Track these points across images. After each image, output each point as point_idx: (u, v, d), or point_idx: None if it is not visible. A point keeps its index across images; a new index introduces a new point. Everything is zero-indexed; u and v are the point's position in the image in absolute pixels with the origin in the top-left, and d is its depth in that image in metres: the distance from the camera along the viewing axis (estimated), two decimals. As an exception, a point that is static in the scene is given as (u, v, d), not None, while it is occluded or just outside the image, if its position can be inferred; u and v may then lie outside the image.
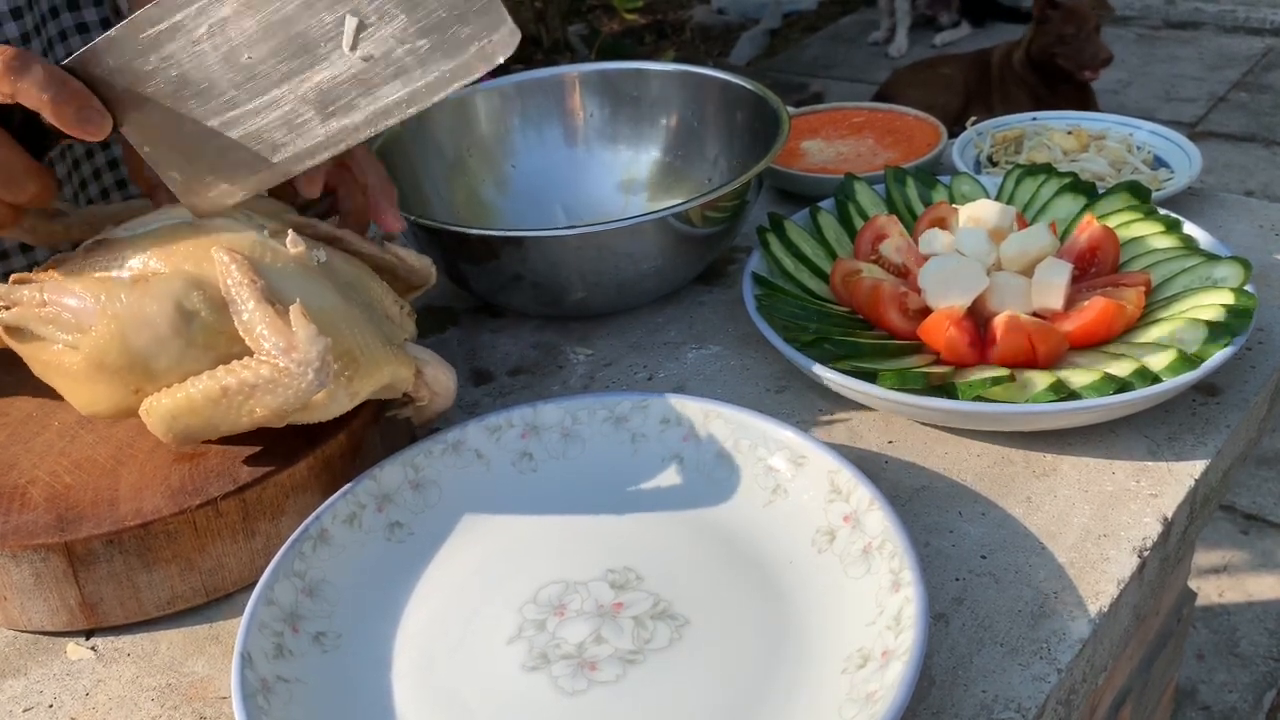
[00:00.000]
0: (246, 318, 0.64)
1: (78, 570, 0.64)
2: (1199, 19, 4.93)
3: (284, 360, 0.63)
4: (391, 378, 0.69)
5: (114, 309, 0.65)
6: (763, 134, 0.95)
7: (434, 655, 0.62)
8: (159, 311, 0.65)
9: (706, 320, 0.92)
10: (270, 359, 0.63)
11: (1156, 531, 0.68)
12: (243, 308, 0.64)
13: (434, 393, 0.73)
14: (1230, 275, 0.79)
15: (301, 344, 0.63)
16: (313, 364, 0.63)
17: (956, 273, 0.79)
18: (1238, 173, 3.63)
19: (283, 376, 0.63)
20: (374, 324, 0.70)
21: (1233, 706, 1.80)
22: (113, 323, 0.65)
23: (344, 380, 0.66)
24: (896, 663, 0.55)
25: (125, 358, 0.66)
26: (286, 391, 0.63)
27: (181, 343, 0.66)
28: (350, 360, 0.66)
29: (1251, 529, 2.14)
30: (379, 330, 0.70)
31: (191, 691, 0.63)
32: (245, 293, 0.65)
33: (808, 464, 0.68)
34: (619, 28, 5.33)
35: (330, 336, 0.65)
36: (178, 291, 0.66)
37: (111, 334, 0.65)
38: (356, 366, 0.67)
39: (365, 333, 0.68)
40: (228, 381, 0.64)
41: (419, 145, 1.01)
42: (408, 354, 0.71)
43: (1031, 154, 1.10)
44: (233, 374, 0.64)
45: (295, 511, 0.68)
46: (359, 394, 0.67)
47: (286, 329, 0.63)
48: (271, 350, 0.63)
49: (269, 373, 0.63)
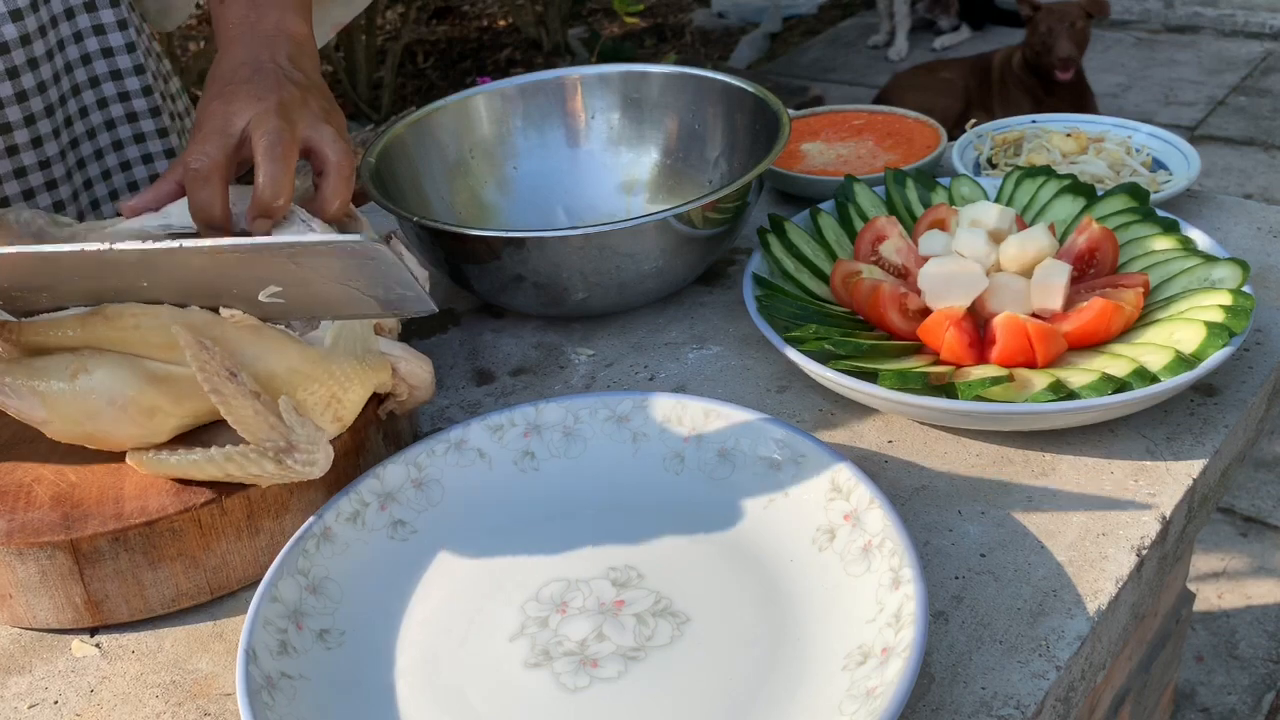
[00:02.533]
0: (238, 415, 0.64)
1: (83, 568, 0.65)
2: (1198, 23, 4.93)
3: (289, 460, 0.64)
4: (372, 388, 0.71)
5: (62, 410, 0.66)
6: (763, 136, 0.95)
7: (437, 652, 0.62)
8: (107, 404, 0.66)
9: (707, 321, 0.92)
10: (273, 458, 0.64)
11: (1155, 531, 0.68)
12: (229, 403, 0.64)
13: (412, 386, 0.74)
14: (1228, 276, 0.80)
15: (302, 445, 0.64)
16: (317, 462, 0.65)
17: (956, 274, 0.79)
18: (1236, 176, 3.63)
19: (289, 473, 0.64)
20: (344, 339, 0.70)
21: (1232, 708, 1.81)
22: (67, 421, 0.66)
23: (335, 420, 0.68)
24: (896, 659, 0.55)
25: (93, 437, 0.67)
26: (292, 478, 0.65)
27: (142, 418, 0.66)
28: (336, 400, 0.68)
29: (1250, 531, 2.14)
30: (348, 343, 0.70)
31: (196, 688, 0.63)
32: (226, 389, 0.64)
33: (808, 463, 0.69)
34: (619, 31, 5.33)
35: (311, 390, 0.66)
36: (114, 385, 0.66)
37: (70, 424, 0.66)
38: (340, 404, 0.68)
39: (340, 362, 0.69)
40: (231, 470, 0.65)
41: (421, 146, 1.02)
42: (382, 358, 0.72)
43: (1031, 156, 1.11)
44: (235, 464, 0.64)
45: (299, 509, 0.69)
46: (348, 421, 0.69)
47: (282, 426, 0.64)
48: (273, 450, 0.64)
49: (275, 470, 0.64)
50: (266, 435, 0.64)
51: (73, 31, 0.97)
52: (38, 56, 0.94)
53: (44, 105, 0.95)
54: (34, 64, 0.93)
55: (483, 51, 5.05)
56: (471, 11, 5.57)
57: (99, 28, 0.98)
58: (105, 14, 0.98)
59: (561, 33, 4.78)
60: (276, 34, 0.82)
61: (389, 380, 0.72)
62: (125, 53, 1.00)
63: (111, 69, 1.00)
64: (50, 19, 0.95)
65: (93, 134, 1.02)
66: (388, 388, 0.72)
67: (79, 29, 0.97)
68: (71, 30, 0.97)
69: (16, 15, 0.91)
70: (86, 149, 1.01)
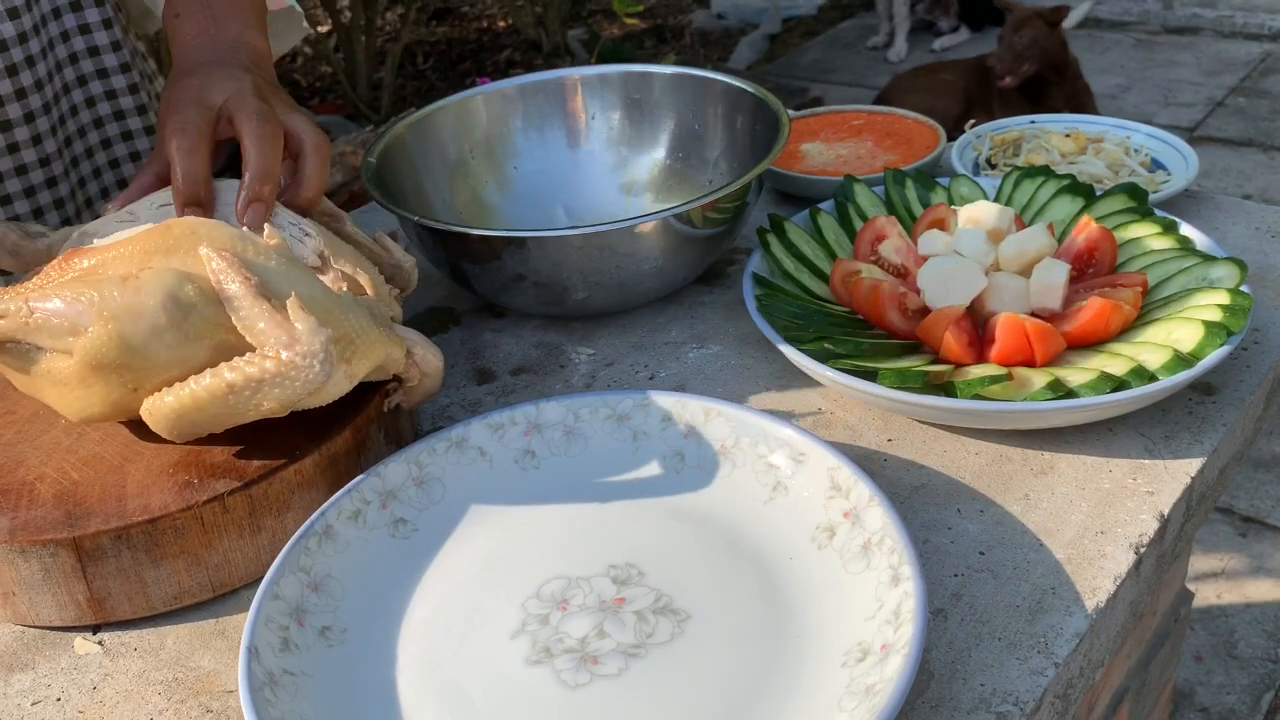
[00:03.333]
0: (244, 314, 0.65)
1: (86, 566, 0.65)
2: (1197, 24, 4.94)
3: (288, 354, 0.63)
4: (385, 358, 0.70)
5: (108, 307, 0.65)
6: (763, 136, 0.96)
7: (438, 649, 0.63)
8: (155, 304, 0.65)
9: (707, 320, 0.92)
10: (274, 354, 0.63)
11: (1153, 529, 0.68)
12: (239, 305, 0.65)
13: (424, 373, 0.74)
14: (1226, 276, 0.80)
15: (304, 337, 0.63)
16: (317, 355, 0.63)
17: (955, 273, 0.80)
18: (1235, 177, 3.63)
19: (288, 370, 0.63)
20: (363, 305, 0.71)
21: (1231, 708, 1.81)
22: (110, 322, 0.65)
23: (343, 363, 0.67)
24: (896, 656, 0.56)
25: (123, 354, 0.65)
26: (294, 384, 0.64)
27: (179, 335, 0.65)
28: (348, 343, 0.67)
29: (1249, 531, 2.14)
30: (369, 311, 0.71)
31: (198, 685, 0.63)
32: (239, 289, 0.65)
33: (808, 461, 0.69)
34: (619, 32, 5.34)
35: (327, 322, 0.65)
36: (170, 284, 0.65)
37: (109, 333, 0.65)
38: (354, 348, 0.68)
39: (358, 315, 0.69)
40: (233, 378, 0.64)
41: (422, 147, 1.02)
42: (398, 334, 0.72)
43: (1030, 156, 1.11)
44: (237, 371, 0.64)
45: (301, 507, 0.69)
46: (357, 375, 0.68)
47: (287, 323, 0.64)
48: (275, 345, 0.64)
49: (274, 367, 0.63)
50: (271, 333, 0.64)
51: (60, 31, 0.97)
52: (34, 54, 0.94)
53: (41, 103, 0.95)
54: (30, 61, 0.94)
55: (482, 52, 5.06)
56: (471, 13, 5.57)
57: (84, 27, 0.99)
58: (90, 13, 0.98)
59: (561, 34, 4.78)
60: (237, 44, 0.82)
61: (401, 358, 0.72)
62: (111, 51, 1.00)
63: (98, 67, 1.00)
64: (41, 18, 0.95)
65: (83, 133, 1.02)
66: (399, 367, 0.72)
67: (66, 28, 0.98)
68: (59, 30, 0.97)
69: (13, 13, 0.91)
70: (79, 147, 1.02)
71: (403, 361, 0.72)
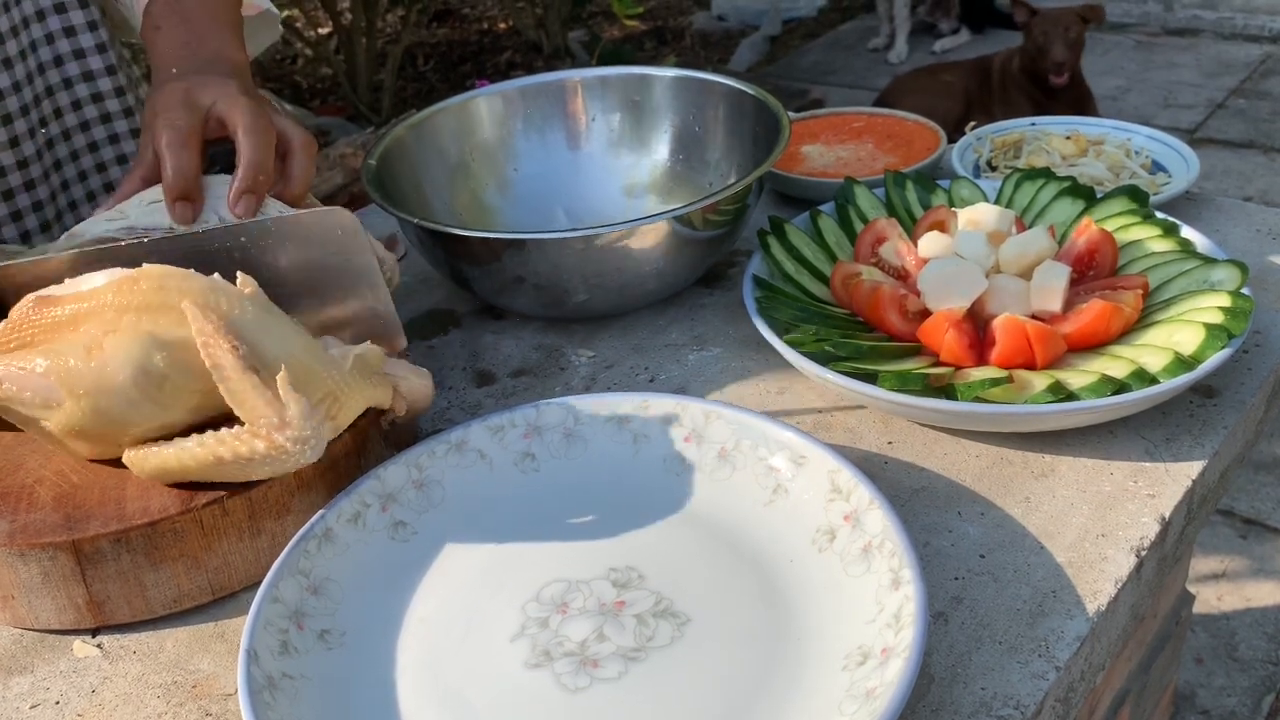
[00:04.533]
0: (233, 386, 0.63)
1: (85, 569, 0.65)
2: (1197, 26, 4.94)
3: (280, 437, 0.63)
4: (371, 403, 0.71)
5: (78, 382, 0.64)
6: (764, 138, 0.96)
7: (437, 652, 0.62)
8: (126, 379, 0.64)
9: (708, 322, 0.92)
10: (265, 435, 0.63)
11: (1154, 531, 0.68)
12: (227, 376, 0.63)
13: (412, 401, 0.74)
14: (1227, 278, 0.80)
15: (295, 421, 0.63)
16: (309, 441, 0.63)
17: (956, 275, 0.80)
18: (1236, 179, 3.63)
19: (279, 453, 0.63)
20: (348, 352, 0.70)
21: (1231, 710, 1.81)
22: (83, 398, 0.64)
23: (329, 419, 0.67)
24: (896, 660, 0.55)
25: (101, 425, 0.65)
26: (284, 464, 0.64)
27: (155, 406, 0.65)
28: (333, 400, 0.67)
29: (1250, 534, 2.14)
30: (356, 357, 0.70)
31: (197, 689, 0.63)
32: (227, 360, 0.63)
33: (808, 464, 0.69)
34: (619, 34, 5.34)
35: (310, 383, 0.65)
36: (138, 357, 0.64)
37: (83, 408, 0.64)
38: (339, 404, 0.68)
39: (340, 369, 0.68)
40: (223, 453, 0.64)
41: (422, 148, 1.02)
42: (385, 378, 0.72)
43: (1030, 158, 1.11)
44: (226, 446, 0.64)
45: (300, 510, 0.69)
46: (342, 426, 0.69)
47: (277, 403, 0.63)
48: (266, 426, 0.63)
49: (265, 449, 0.63)
50: (261, 412, 0.63)
51: (44, 33, 0.96)
52: (11, 56, 0.93)
53: (19, 105, 0.95)
54: (8, 64, 0.93)
55: (483, 54, 5.06)
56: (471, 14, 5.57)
57: (70, 29, 0.98)
58: (75, 15, 0.97)
59: (561, 35, 4.78)
60: (217, 57, 0.82)
61: (388, 399, 0.72)
62: (97, 54, 1.00)
63: (84, 70, 1.00)
64: (22, 19, 0.94)
65: (68, 135, 1.01)
66: (388, 404, 0.72)
67: (50, 31, 0.97)
68: (43, 32, 0.96)
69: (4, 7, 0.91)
70: (62, 150, 1.01)
71: (389, 400, 0.72)
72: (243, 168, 0.73)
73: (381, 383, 0.71)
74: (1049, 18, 3.43)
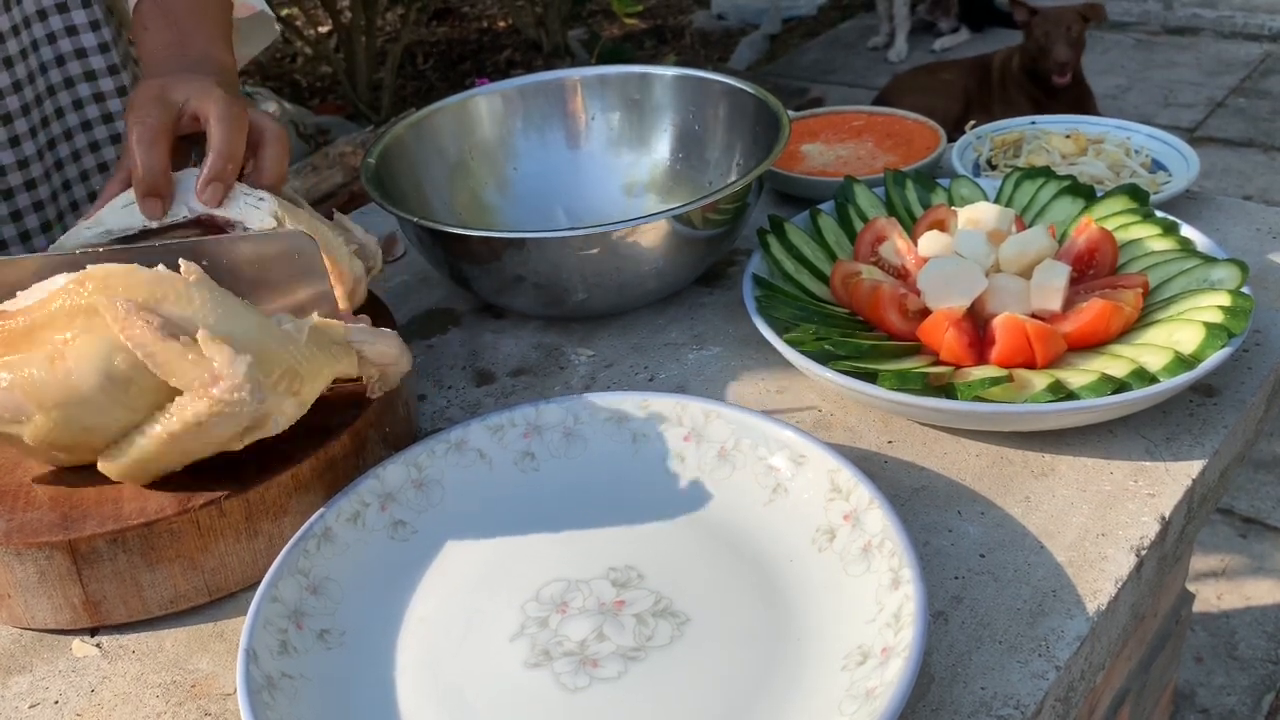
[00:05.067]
0: (159, 360, 0.62)
1: (81, 569, 0.65)
2: (1197, 25, 4.93)
3: (216, 391, 0.62)
4: (336, 374, 0.70)
5: (45, 394, 0.63)
6: (763, 137, 0.95)
7: (437, 652, 0.62)
8: (93, 386, 0.63)
9: (707, 321, 0.92)
10: (202, 393, 0.62)
11: (1154, 531, 0.68)
12: (152, 351, 0.62)
13: (383, 365, 0.73)
14: (1227, 277, 0.80)
15: (225, 371, 0.62)
16: (242, 387, 0.62)
17: (955, 274, 0.79)
18: (1236, 178, 3.63)
19: (221, 407, 0.62)
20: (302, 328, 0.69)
21: (1231, 709, 1.81)
22: (53, 410, 0.63)
23: (291, 394, 0.66)
24: (896, 660, 0.55)
25: (73, 434, 0.65)
26: (232, 418, 0.63)
27: (125, 409, 0.65)
28: (293, 375, 0.66)
29: (1250, 532, 2.14)
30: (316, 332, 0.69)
31: (196, 688, 0.63)
32: (145, 336, 0.62)
33: (808, 463, 0.69)
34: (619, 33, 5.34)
35: (264, 359, 0.64)
36: (100, 363, 0.63)
37: (54, 419, 0.64)
38: (300, 379, 0.67)
39: (296, 344, 0.67)
40: (173, 427, 0.63)
41: (421, 148, 1.02)
42: (347, 347, 0.71)
43: (1030, 157, 1.11)
44: (172, 418, 0.63)
45: (298, 511, 0.69)
46: (309, 400, 0.68)
47: (203, 360, 0.62)
48: (199, 385, 0.62)
49: (207, 407, 0.62)
50: (191, 374, 0.62)
51: (46, 33, 0.96)
52: (11, 55, 0.93)
53: (20, 104, 0.95)
54: (9, 62, 0.93)
55: (482, 53, 5.06)
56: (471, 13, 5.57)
57: (71, 29, 0.98)
58: (78, 15, 0.97)
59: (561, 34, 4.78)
60: (204, 59, 0.83)
61: (353, 367, 0.71)
62: (99, 53, 1.00)
63: (86, 70, 1.00)
64: (23, 19, 0.94)
65: (69, 135, 1.01)
66: (355, 373, 0.71)
67: (52, 30, 0.97)
68: (45, 32, 0.96)
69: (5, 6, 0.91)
70: (64, 150, 1.01)
71: (355, 368, 0.71)
72: (212, 155, 0.74)
73: (344, 352, 0.70)
74: (1050, 17, 3.42)
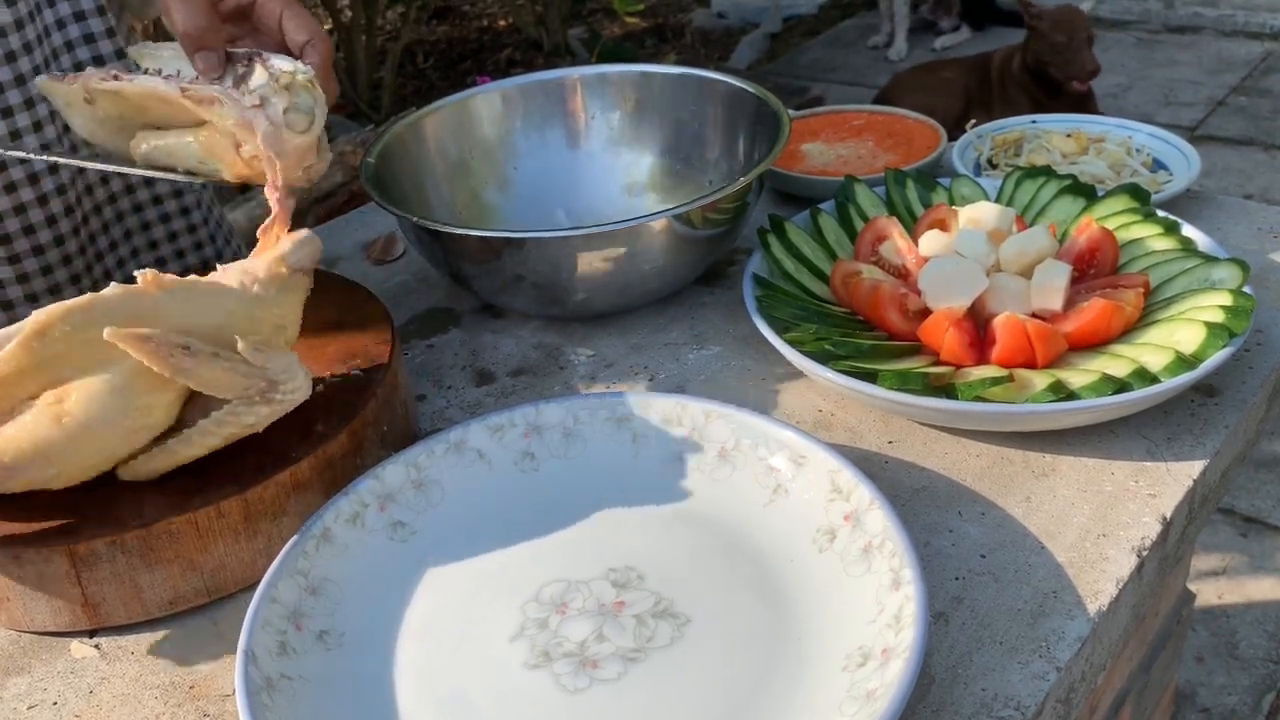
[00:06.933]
0: (209, 381, 0.65)
1: (80, 571, 0.64)
2: (1198, 23, 4.93)
3: (278, 396, 0.66)
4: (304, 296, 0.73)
5: (66, 453, 0.63)
6: (764, 136, 0.95)
7: (436, 653, 0.62)
8: (116, 435, 0.65)
9: (707, 321, 0.92)
10: (263, 400, 0.66)
11: (1155, 531, 0.68)
12: (199, 377, 0.64)
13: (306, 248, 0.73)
14: (1228, 277, 0.80)
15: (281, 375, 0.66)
16: (299, 380, 0.67)
17: (956, 274, 0.79)
18: (1237, 176, 3.63)
19: (282, 406, 0.67)
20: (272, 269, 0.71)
21: (1232, 709, 1.80)
22: (72, 458, 0.64)
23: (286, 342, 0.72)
24: (897, 660, 0.55)
25: (103, 466, 0.66)
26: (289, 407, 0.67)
27: (148, 432, 0.66)
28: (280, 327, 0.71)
29: (1250, 532, 2.14)
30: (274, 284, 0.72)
31: (195, 689, 0.63)
32: (185, 364, 0.63)
33: (808, 464, 0.69)
34: (619, 31, 5.33)
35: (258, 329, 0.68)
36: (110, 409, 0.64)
37: (86, 468, 0.65)
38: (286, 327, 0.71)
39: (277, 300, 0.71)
40: (230, 431, 0.66)
41: (421, 147, 1.02)
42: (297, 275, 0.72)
43: (1031, 157, 1.11)
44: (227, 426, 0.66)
45: (297, 512, 0.69)
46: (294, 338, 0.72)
47: (255, 370, 0.65)
48: (258, 394, 0.66)
49: (269, 411, 0.66)
50: (245, 385, 0.65)
51: (55, 19, 0.97)
52: (30, 40, 0.94)
53: (22, 100, 0.95)
54: (28, 48, 0.93)
55: (483, 52, 5.05)
56: (472, 12, 5.57)
57: (79, 14, 0.98)
58: (94, 23, 0.98)
59: (562, 33, 4.78)
60: None
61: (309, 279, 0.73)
62: (106, 38, 1.00)
63: (94, 55, 1.00)
64: (35, 5, 0.95)
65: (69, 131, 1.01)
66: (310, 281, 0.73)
67: (60, 16, 0.97)
68: (54, 18, 0.97)
69: (10, 0, 0.91)
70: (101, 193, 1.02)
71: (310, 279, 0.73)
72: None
73: (298, 282, 0.72)
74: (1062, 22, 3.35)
